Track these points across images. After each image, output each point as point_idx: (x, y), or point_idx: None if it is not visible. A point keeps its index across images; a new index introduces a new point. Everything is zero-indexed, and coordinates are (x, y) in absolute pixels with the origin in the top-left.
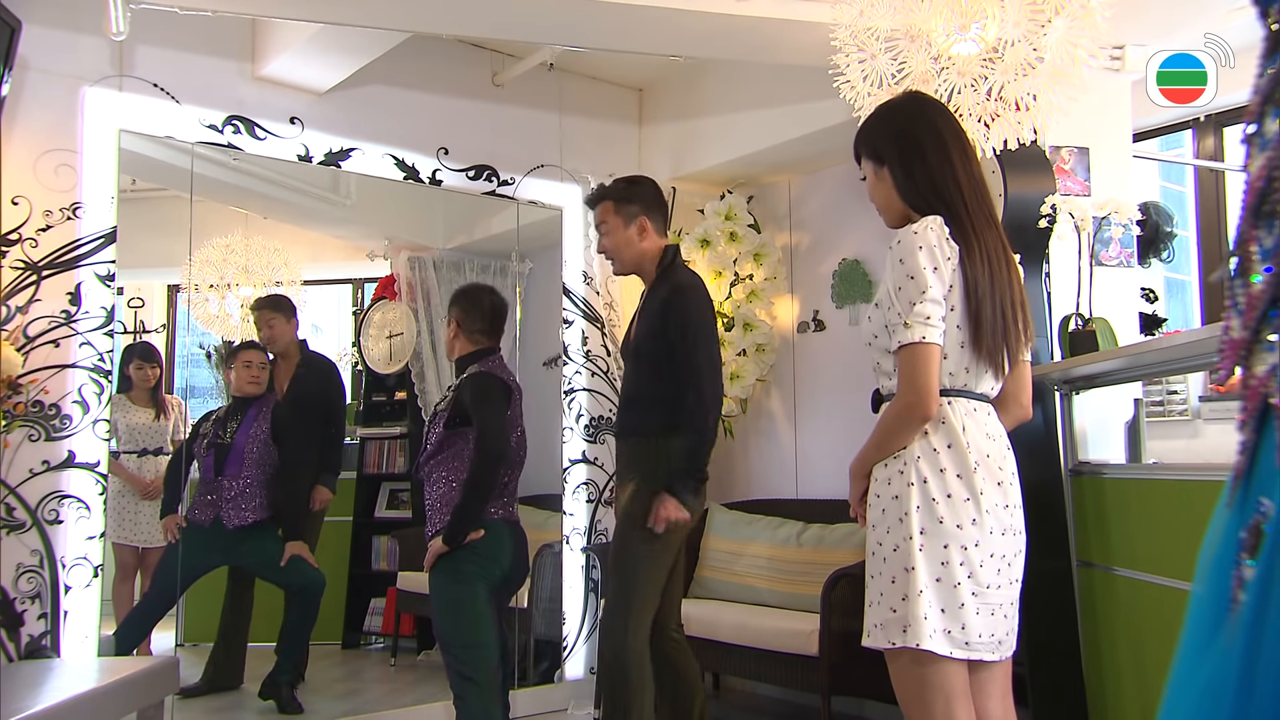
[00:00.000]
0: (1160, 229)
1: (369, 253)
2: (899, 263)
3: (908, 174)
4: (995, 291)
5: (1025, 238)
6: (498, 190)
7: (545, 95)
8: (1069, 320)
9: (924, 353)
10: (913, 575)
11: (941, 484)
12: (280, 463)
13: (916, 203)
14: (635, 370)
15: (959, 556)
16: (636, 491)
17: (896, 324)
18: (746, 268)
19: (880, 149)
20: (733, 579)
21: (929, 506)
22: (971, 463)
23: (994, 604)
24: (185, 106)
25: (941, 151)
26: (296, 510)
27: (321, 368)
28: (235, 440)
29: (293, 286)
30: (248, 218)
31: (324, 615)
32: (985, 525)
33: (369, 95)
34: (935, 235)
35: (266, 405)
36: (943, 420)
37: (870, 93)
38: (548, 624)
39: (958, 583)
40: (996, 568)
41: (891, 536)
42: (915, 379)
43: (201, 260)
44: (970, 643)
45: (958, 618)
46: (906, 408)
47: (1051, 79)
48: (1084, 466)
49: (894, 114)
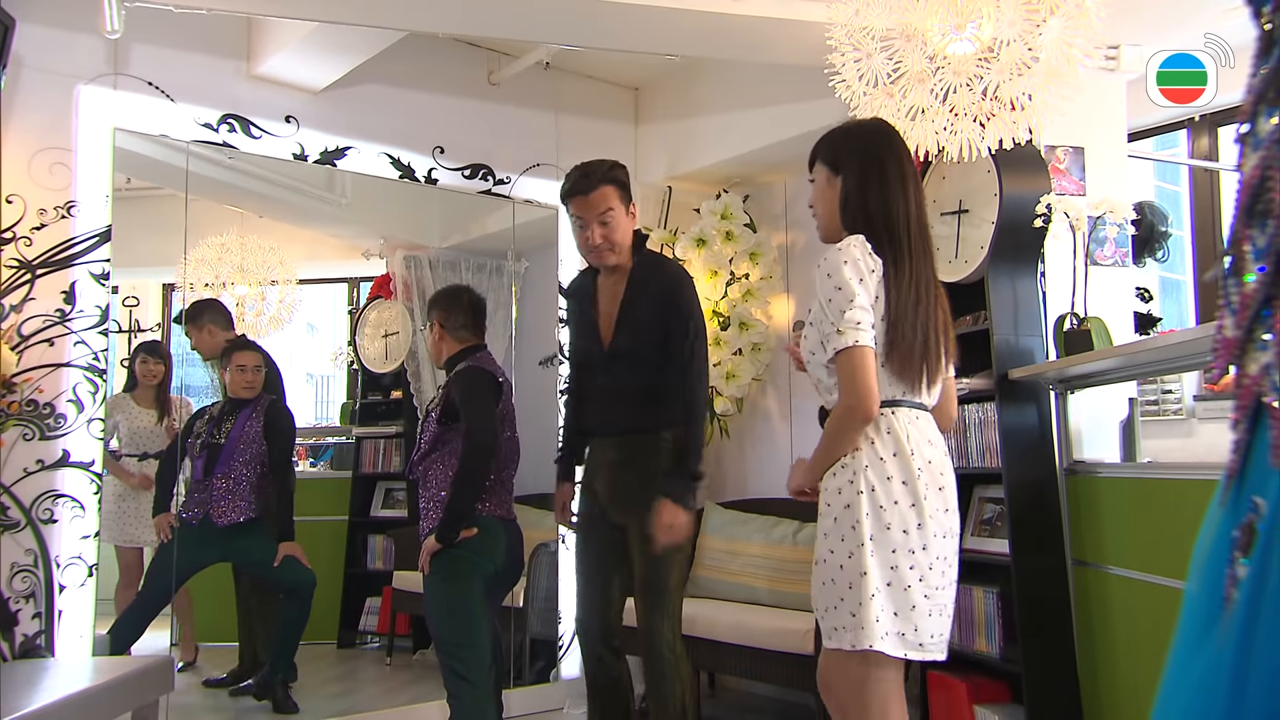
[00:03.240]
0: (1155, 228)
1: (364, 252)
2: (826, 277)
3: (861, 190)
4: (919, 315)
5: (1020, 237)
6: (493, 189)
7: (541, 94)
8: (1064, 319)
9: (859, 355)
10: (865, 580)
11: (888, 491)
12: (271, 462)
13: (855, 219)
14: (634, 364)
15: (908, 561)
16: (655, 490)
17: (830, 333)
18: (742, 267)
19: (841, 160)
20: (728, 578)
21: (877, 514)
22: (915, 470)
23: (941, 604)
24: (180, 105)
25: (900, 181)
26: (287, 510)
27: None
28: (228, 440)
29: (288, 285)
30: (243, 216)
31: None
32: (929, 529)
33: (365, 94)
34: (859, 250)
35: (261, 404)
36: (888, 430)
37: (866, 92)
38: (543, 623)
39: (908, 586)
40: (941, 570)
41: (845, 544)
42: (854, 381)
43: (197, 259)
44: (924, 644)
45: (910, 620)
46: (848, 410)
47: (1047, 78)
48: (1079, 466)
49: (863, 133)
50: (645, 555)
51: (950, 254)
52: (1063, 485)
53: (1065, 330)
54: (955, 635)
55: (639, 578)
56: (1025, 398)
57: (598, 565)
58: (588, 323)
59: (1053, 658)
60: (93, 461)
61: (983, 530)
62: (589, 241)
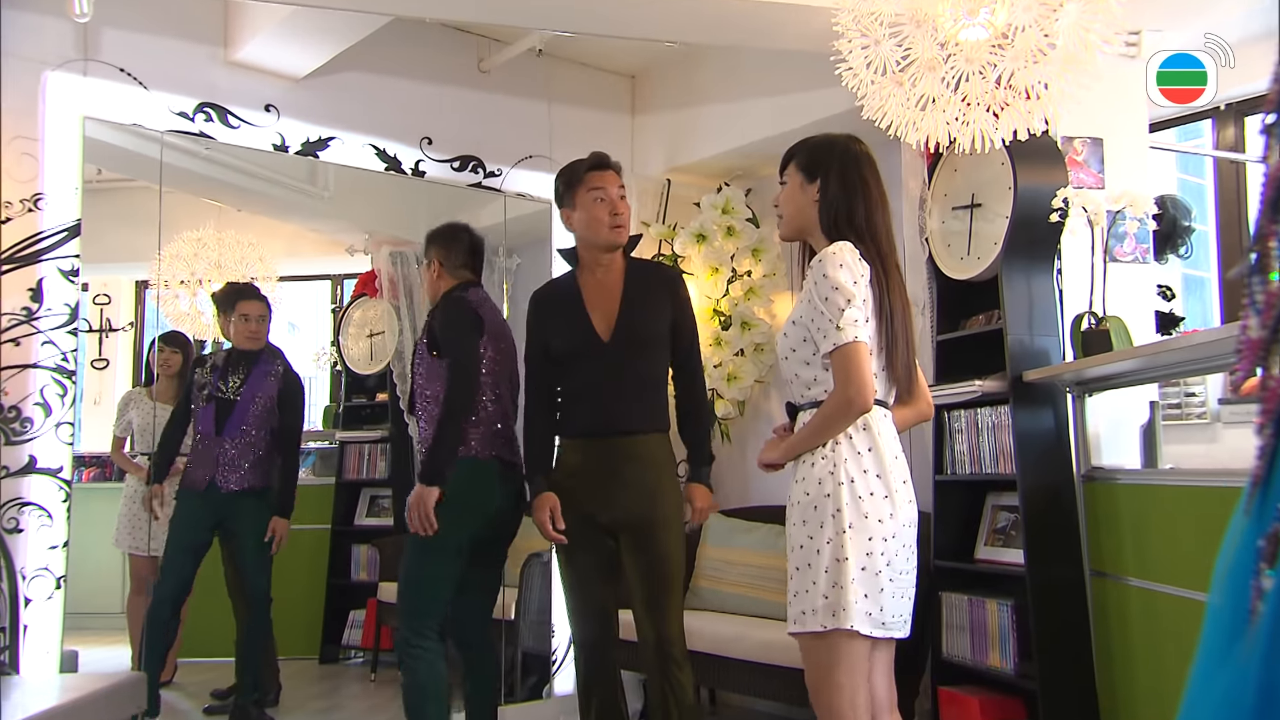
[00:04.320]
0: (1178, 223)
1: (348, 247)
2: (823, 277)
3: (847, 200)
4: (904, 323)
5: (1036, 233)
6: (484, 182)
7: (534, 82)
8: (1081, 319)
9: (859, 351)
10: (845, 565)
11: (865, 483)
12: (284, 431)
13: (840, 227)
14: (637, 355)
15: (880, 547)
16: (667, 488)
17: (828, 329)
18: (744, 264)
19: (819, 167)
20: (729, 589)
21: (855, 503)
22: (887, 464)
23: (904, 588)
24: (154, 92)
25: (880, 198)
26: (291, 484)
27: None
28: (240, 397)
29: (268, 282)
30: (220, 210)
31: (300, 628)
32: (899, 519)
33: (348, 82)
34: (851, 255)
35: (274, 368)
36: (864, 426)
37: (874, 80)
38: (536, 637)
39: (879, 570)
40: (906, 556)
41: (825, 530)
42: (854, 375)
43: (171, 255)
44: (886, 623)
45: (878, 601)
46: (847, 403)
47: (1064, 66)
48: (1097, 472)
49: (843, 144)
50: (644, 561)
51: (962, 250)
52: (1080, 492)
53: (1083, 330)
54: (968, 650)
55: (639, 585)
56: (1041, 401)
57: (590, 576)
58: (577, 319)
59: (1070, 674)
60: (61, 468)
61: (996, 540)
62: (613, 210)
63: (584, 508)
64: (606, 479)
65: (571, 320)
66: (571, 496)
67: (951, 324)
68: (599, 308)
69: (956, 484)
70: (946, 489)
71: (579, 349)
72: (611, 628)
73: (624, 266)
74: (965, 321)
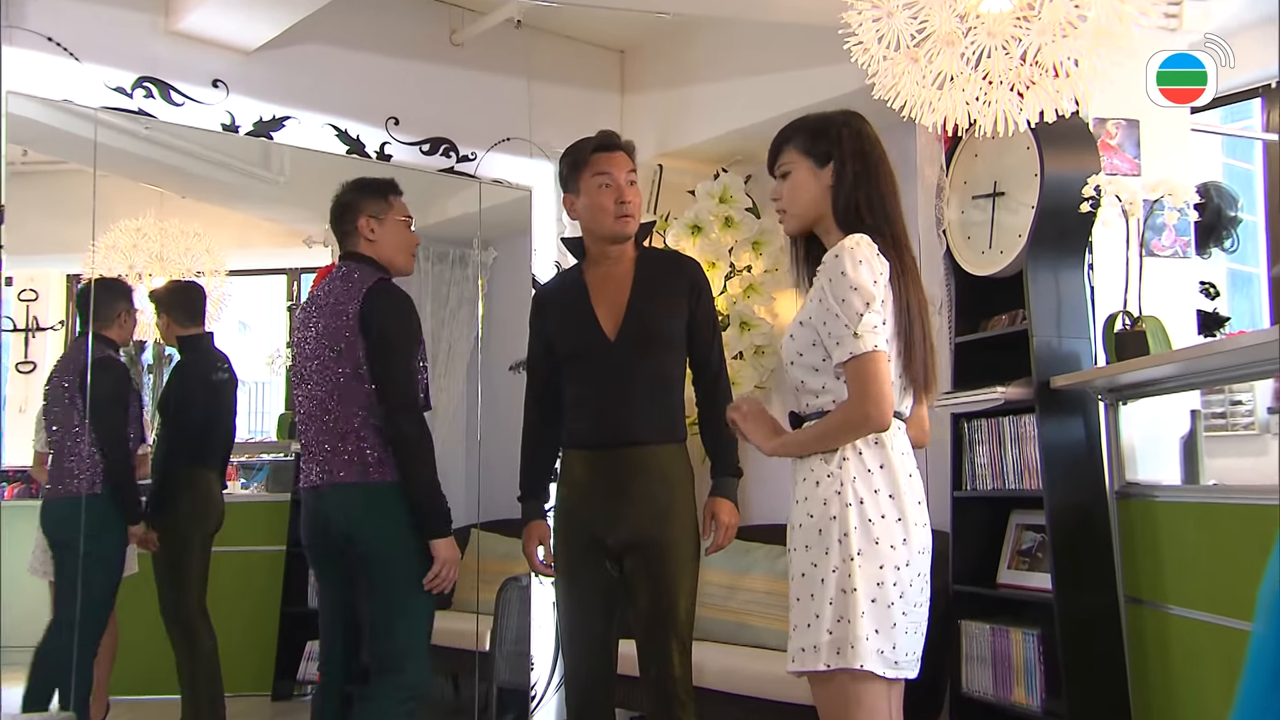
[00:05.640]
0: (1222, 213)
1: (306, 238)
2: (840, 275)
3: (866, 187)
4: (923, 319)
5: (1064, 224)
6: (456, 167)
7: (512, 57)
8: (1115, 319)
9: (879, 361)
10: (854, 596)
11: (876, 505)
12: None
13: (857, 218)
14: (646, 353)
15: (893, 577)
16: (680, 507)
17: (843, 335)
18: (744, 258)
19: (830, 150)
20: (726, 616)
21: (865, 527)
22: (901, 484)
23: (918, 622)
24: (87, 65)
25: (892, 180)
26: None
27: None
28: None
29: (216, 276)
30: (162, 197)
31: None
32: (913, 545)
33: (306, 55)
34: (870, 250)
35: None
36: (876, 440)
37: (885, 56)
38: (512, 670)
39: (891, 603)
40: (920, 587)
41: (830, 557)
42: (873, 389)
43: (107, 246)
44: (899, 662)
45: (890, 638)
46: (864, 419)
47: (1096, 40)
48: (1133, 488)
49: (853, 127)
50: (650, 587)
51: (983, 244)
52: (1114, 511)
53: (1116, 331)
54: (990, 685)
55: (642, 614)
56: (1070, 409)
57: (590, 604)
58: (582, 316)
59: (1103, 711)
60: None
61: (1021, 563)
62: (620, 198)
63: (588, 528)
64: (612, 495)
65: (575, 317)
66: (574, 515)
67: (971, 324)
68: (606, 303)
69: (977, 501)
70: (965, 506)
71: (582, 349)
72: (609, 664)
73: (635, 258)
74: (986, 322)
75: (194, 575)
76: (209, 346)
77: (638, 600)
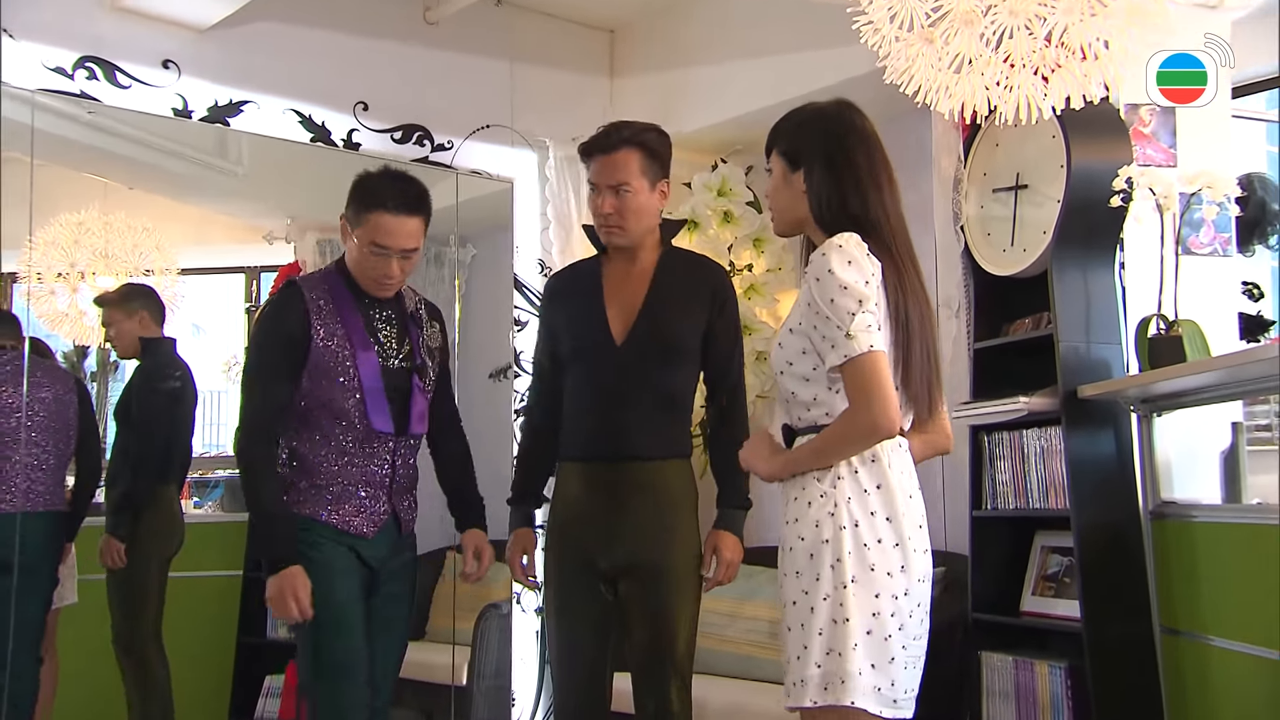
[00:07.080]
0: (1267, 207)
1: (266, 234)
2: (828, 273)
3: (838, 188)
4: (923, 331)
5: (1093, 219)
6: (431, 157)
7: (492, 37)
8: (1148, 323)
9: (878, 362)
10: (846, 627)
11: (872, 528)
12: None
13: (836, 220)
14: (653, 361)
15: (890, 607)
16: (683, 529)
17: (835, 337)
18: (744, 256)
19: (800, 152)
20: (726, 647)
21: (860, 553)
22: (900, 505)
23: (917, 656)
24: (23, 43)
25: (874, 175)
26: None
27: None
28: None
29: (167, 275)
30: (107, 188)
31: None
32: (912, 572)
33: (266, 34)
34: (859, 249)
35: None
36: (873, 458)
37: (898, 36)
38: (492, 706)
39: (889, 635)
40: (920, 618)
41: (822, 585)
42: (876, 393)
43: (46, 242)
44: (898, 700)
45: (888, 673)
46: (871, 427)
47: (1128, 19)
48: (1169, 508)
49: (824, 120)
50: (647, 615)
51: (1005, 241)
52: (1148, 532)
53: (1150, 337)
54: None
55: (638, 644)
56: (1100, 421)
57: (583, 632)
58: (591, 312)
59: None
60: None
61: (1047, 589)
62: (598, 209)
63: (580, 547)
64: (609, 513)
65: (584, 313)
66: (566, 532)
67: (992, 329)
68: (618, 302)
69: (998, 521)
70: (986, 527)
71: (586, 349)
72: (601, 697)
73: (658, 257)
74: (1008, 326)
75: (150, 600)
76: (170, 352)
77: (633, 631)
